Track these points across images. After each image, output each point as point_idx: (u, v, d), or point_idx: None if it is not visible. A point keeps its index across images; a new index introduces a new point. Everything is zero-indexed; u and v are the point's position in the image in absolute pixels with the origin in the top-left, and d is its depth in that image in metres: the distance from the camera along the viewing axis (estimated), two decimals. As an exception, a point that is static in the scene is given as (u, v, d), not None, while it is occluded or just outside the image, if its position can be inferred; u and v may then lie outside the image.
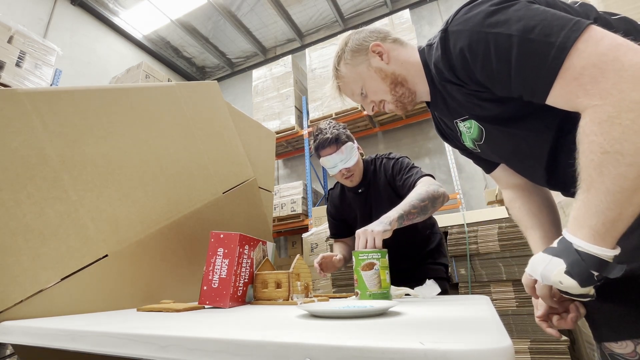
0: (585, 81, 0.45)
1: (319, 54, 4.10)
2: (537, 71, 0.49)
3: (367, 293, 0.82)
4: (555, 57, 0.47)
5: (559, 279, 0.49)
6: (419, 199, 1.04)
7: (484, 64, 0.55)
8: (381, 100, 0.82)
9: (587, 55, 0.45)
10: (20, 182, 0.77)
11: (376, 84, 0.79)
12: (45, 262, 0.77)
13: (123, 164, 0.97)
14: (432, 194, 1.05)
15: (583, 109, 0.47)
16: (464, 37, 0.57)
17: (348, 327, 0.45)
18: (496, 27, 0.52)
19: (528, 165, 0.71)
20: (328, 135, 1.27)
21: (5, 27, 2.64)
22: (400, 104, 0.80)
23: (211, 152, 1.27)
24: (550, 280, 0.50)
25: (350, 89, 0.85)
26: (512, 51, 0.51)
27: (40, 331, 0.59)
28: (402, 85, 0.78)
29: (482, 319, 0.48)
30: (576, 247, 0.48)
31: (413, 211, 1.01)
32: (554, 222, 0.78)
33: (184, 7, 4.86)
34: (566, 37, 0.46)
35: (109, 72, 4.74)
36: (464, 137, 0.77)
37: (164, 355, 0.43)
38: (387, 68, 0.78)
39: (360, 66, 0.81)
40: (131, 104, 1.03)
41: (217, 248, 0.87)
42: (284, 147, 4.53)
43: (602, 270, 0.47)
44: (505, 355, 0.30)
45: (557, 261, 0.50)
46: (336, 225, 1.48)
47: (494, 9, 0.54)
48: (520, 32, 0.50)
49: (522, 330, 1.82)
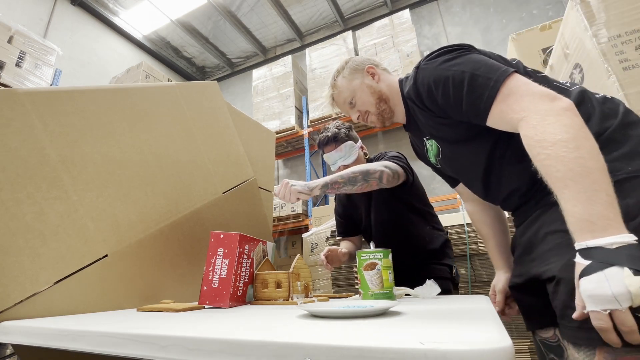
0: (511, 102, 0.64)
1: (319, 54, 4.10)
2: (481, 98, 0.67)
3: (369, 293, 0.82)
4: (492, 87, 0.66)
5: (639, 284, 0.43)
6: (350, 171, 1.10)
7: (444, 92, 0.73)
8: (366, 111, 0.98)
9: (511, 88, 0.64)
10: (20, 182, 0.77)
11: (365, 97, 0.97)
12: (45, 262, 0.77)
13: (123, 164, 0.97)
14: (367, 169, 1.12)
15: (516, 123, 0.62)
16: (429, 73, 0.76)
17: (348, 327, 0.45)
18: (454, 67, 0.71)
19: (470, 180, 0.88)
20: (328, 134, 1.36)
21: (5, 27, 2.64)
22: (381, 117, 0.97)
23: (211, 152, 1.27)
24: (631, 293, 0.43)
25: (343, 98, 1.02)
26: (465, 82, 0.69)
27: (40, 331, 0.59)
28: (385, 102, 0.95)
29: (482, 319, 0.48)
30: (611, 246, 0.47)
31: (340, 180, 1.08)
32: (504, 231, 0.99)
33: (184, 7, 4.85)
34: (500, 75, 0.66)
35: (109, 72, 4.74)
36: (429, 154, 0.94)
37: (164, 355, 0.43)
38: (376, 86, 0.97)
39: (355, 81, 0.99)
40: (131, 104, 1.03)
41: (217, 248, 0.87)
42: (284, 147, 4.53)
43: None
44: (505, 355, 0.30)
45: (614, 271, 0.45)
46: (343, 223, 1.50)
47: (454, 55, 0.73)
48: (470, 70, 0.69)
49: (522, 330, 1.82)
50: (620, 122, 0.64)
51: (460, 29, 4.33)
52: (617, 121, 0.64)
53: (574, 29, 1.08)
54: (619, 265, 0.45)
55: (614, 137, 0.62)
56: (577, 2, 1.02)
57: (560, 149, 0.54)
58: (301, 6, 4.97)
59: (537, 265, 0.65)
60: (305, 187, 1.05)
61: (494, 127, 0.69)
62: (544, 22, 1.73)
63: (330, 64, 3.98)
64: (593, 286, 0.46)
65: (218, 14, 5.00)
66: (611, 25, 0.97)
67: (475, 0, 4.34)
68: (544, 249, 0.64)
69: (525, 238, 0.72)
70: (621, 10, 0.96)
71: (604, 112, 0.65)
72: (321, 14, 5.12)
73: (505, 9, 4.14)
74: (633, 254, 0.45)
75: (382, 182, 1.13)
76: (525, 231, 0.73)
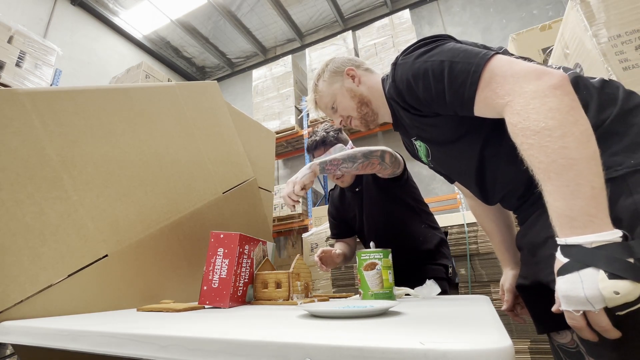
0: (494, 86, 0.58)
1: (319, 54, 4.10)
2: (463, 85, 0.62)
3: (369, 293, 0.82)
4: (474, 72, 0.60)
5: (611, 289, 0.42)
6: (351, 151, 1.09)
7: (425, 85, 0.67)
8: (348, 115, 0.95)
9: (493, 70, 0.59)
10: (20, 182, 0.77)
11: (346, 101, 0.93)
12: (45, 262, 0.77)
13: (123, 164, 0.97)
14: (368, 149, 1.10)
15: (501, 109, 0.57)
16: (407, 68, 0.70)
17: (348, 327, 0.45)
18: (432, 58, 0.67)
19: (464, 181, 0.84)
20: (316, 138, 1.34)
21: (5, 27, 2.64)
22: (364, 121, 0.93)
23: (211, 152, 1.27)
24: (603, 297, 0.42)
25: (324, 103, 0.98)
26: (445, 72, 0.64)
27: (40, 331, 0.59)
28: (367, 106, 0.91)
29: (482, 319, 0.48)
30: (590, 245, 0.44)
31: (339, 157, 1.07)
32: (509, 226, 0.93)
33: (184, 7, 4.85)
34: (480, 59, 0.60)
35: (109, 72, 4.74)
36: (420, 154, 0.91)
37: (164, 355, 0.43)
38: (356, 89, 0.92)
39: (335, 84, 0.95)
40: (131, 104, 1.03)
41: (217, 248, 0.87)
42: (284, 147, 4.53)
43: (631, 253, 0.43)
44: (505, 355, 0.30)
45: (589, 272, 0.43)
46: (337, 225, 1.49)
47: (430, 47, 0.69)
48: (449, 59, 0.64)
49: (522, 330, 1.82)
50: (620, 109, 0.58)
51: (461, 29, 4.33)
52: (616, 109, 0.58)
53: (574, 29, 1.08)
54: (595, 267, 0.43)
55: (614, 128, 0.57)
56: (577, 2, 1.02)
57: (544, 138, 0.50)
58: (301, 6, 4.97)
59: (542, 270, 0.61)
60: (307, 170, 1.04)
61: (484, 116, 0.63)
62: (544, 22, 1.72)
63: (330, 64, 3.97)
64: (567, 287, 0.46)
65: (218, 14, 4.99)
66: (611, 25, 0.97)
67: (476, 0, 4.34)
68: (546, 254, 0.59)
69: (526, 240, 0.70)
70: (621, 10, 0.96)
71: (601, 100, 0.60)
72: (321, 14, 5.12)
73: (505, 9, 4.14)
74: (610, 255, 0.43)
75: (385, 162, 1.10)
76: (526, 232, 0.70)
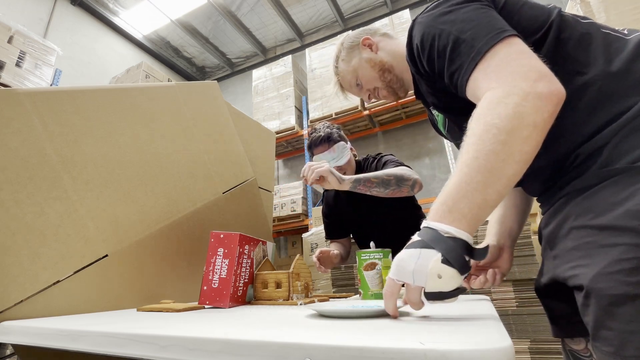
0: (489, 71, 0.52)
1: (319, 54, 4.10)
2: (459, 70, 0.56)
3: (369, 293, 0.82)
4: (472, 58, 0.53)
5: (437, 271, 0.45)
6: (384, 173, 1.06)
7: (429, 56, 0.61)
8: (374, 87, 0.89)
9: (498, 56, 0.52)
10: (20, 182, 0.77)
11: (367, 73, 0.88)
12: (45, 262, 0.77)
13: (123, 164, 0.97)
14: (401, 174, 1.08)
15: (482, 93, 0.52)
16: (421, 30, 0.63)
17: (348, 327, 0.45)
18: (444, 25, 0.59)
19: None
20: (320, 134, 1.32)
21: (5, 27, 2.64)
22: (390, 89, 0.87)
23: (211, 152, 1.27)
24: (426, 275, 0.45)
25: (348, 82, 0.94)
26: (447, 49, 0.57)
27: (40, 331, 0.59)
28: (389, 72, 0.86)
29: (482, 319, 0.48)
30: (446, 234, 0.46)
31: (373, 180, 1.04)
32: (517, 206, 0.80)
33: (184, 7, 4.86)
34: (487, 42, 0.53)
35: (109, 72, 4.74)
36: (439, 124, 0.83)
37: (164, 355, 0.43)
38: (375, 57, 0.87)
39: (353, 60, 0.91)
40: (131, 104, 1.03)
41: (217, 248, 0.87)
42: (284, 147, 4.53)
43: (472, 254, 0.46)
44: (505, 355, 0.30)
45: (429, 252, 0.46)
46: (331, 226, 1.48)
47: (450, 9, 0.60)
48: (457, 32, 0.56)
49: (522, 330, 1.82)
50: None
51: (460, 29, 4.32)
52: None
53: (574, 29, 1.08)
54: (436, 249, 0.46)
55: None
56: (577, 2, 1.02)
57: (487, 134, 0.47)
58: (301, 6, 4.97)
59: (560, 265, 0.55)
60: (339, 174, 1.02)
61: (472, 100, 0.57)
62: (544, 22, 1.72)
63: (330, 64, 3.96)
64: (402, 257, 0.48)
65: (218, 14, 5.00)
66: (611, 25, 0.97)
67: (475, 0, 4.33)
68: (568, 246, 0.53)
69: (548, 230, 0.62)
70: (621, 10, 0.96)
71: None
72: (321, 14, 5.12)
73: (505, 9, 4.13)
74: (454, 247, 0.45)
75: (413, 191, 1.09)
76: (549, 221, 0.62)
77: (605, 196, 0.48)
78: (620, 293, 0.43)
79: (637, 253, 0.43)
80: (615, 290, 0.44)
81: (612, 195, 0.48)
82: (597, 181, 0.50)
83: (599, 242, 0.47)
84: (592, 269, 0.47)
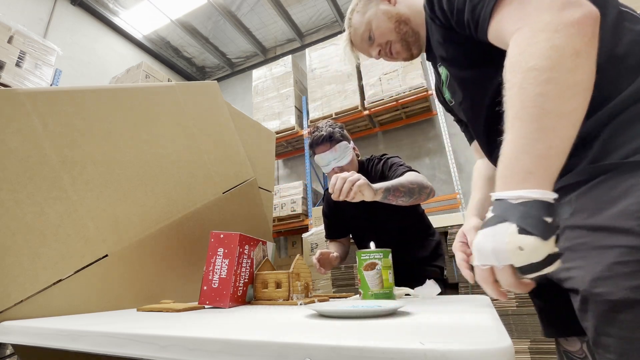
0: (512, 8, 0.49)
1: (319, 54, 4.10)
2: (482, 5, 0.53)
3: (369, 293, 0.82)
4: None
5: (516, 244, 0.40)
6: (408, 181, 1.04)
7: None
8: (387, 41, 0.86)
9: None
10: (20, 182, 0.77)
11: (383, 24, 0.85)
12: (45, 262, 0.77)
13: (123, 164, 0.97)
14: (421, 182, 1.07)
15: (508, 35, 0.49)
16: None
17: (348, 327, 0.45)
18: None
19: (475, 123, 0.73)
20: (322, 133, 1.28)
21: (5, 27, 2.64)
22: (405, 43, 0.84)
23: (211, 152, 1.27)
24: (507, 251, 0.40)
25: (359, 35, 0.90)
26: None
27: (40, 331, 0.59)
28: (405, 24, 0.82)
29: (482, 319, 0.48)
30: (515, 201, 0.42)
31: (401, 189, 1.01)
32: None
33: (184, 7, 4.85)
34: None
35: (109, 72, 4.74)
36: (444, 88, 0.81)
37: (164, 355, 0.43)
38: (392, 9, 0.84)
39: (369, 11, 0.87)
40: (131, 104, 1.03)
41: (217, 248, 0.87)
42: (284, 147, 4.53)
43: (553, 214, 0.40)
44: (505, 355, 0.30)
45: (502, 226, 0.41)
46: (331, 225, 1.48)
47: None
48: None
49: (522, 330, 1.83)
50: None
51: (460, 29, 4.33)
52: None
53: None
54: (510, 221, 0.41)
55: None
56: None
57: (528, 79, 0.43)
58: (301, 6, 4.97)
59: None
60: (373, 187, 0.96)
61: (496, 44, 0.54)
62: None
63: (330, 64, 3.98)
64: (480, 239, 0.44)
65: (218, 14, 4.99)
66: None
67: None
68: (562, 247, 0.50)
69: None
70: (621, 10, 0.96)
71: None
72: (321, 14, 5.12)
73: (505, 9, 4.13)
74: (528, 212, 0.40)
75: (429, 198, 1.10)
76: None
77: (599, 194, 0.47)
78: (619, 298, 0.42)
79: (635, 256, 0.41)
80: (614, 295, 0.42)
81: (605, 193, 0.46)
82: (589, 177, 0.49)
83: (593, 243, 0.45)
84: (588, 272, 0.46)
